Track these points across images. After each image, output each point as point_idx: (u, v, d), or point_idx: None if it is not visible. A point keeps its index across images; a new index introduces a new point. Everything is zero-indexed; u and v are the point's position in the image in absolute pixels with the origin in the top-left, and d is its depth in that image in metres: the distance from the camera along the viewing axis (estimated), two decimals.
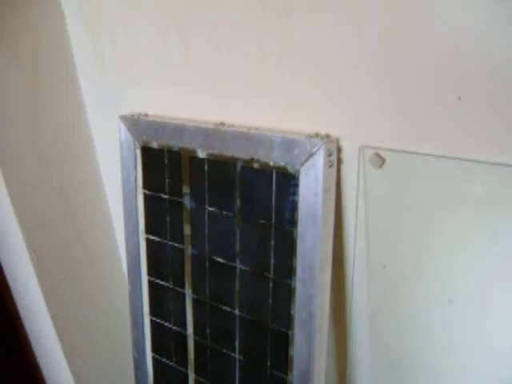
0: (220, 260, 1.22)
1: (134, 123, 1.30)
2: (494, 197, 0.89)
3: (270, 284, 1.14)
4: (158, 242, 1.34)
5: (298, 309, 1.09)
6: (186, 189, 1.24)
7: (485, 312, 0.98)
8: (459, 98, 0.87)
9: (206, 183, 1.19)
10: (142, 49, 1.29)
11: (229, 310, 1.23)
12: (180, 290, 1.33)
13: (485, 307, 0.97)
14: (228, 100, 1.18)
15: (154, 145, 1.27)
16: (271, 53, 1.06)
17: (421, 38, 0.87)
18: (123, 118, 1.31)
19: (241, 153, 1.11)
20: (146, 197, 1.34)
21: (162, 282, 1.38)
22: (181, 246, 1.29)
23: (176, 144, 1.22)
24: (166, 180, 1.28)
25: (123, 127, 1.31)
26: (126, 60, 1.35)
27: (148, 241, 1.37)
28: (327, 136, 1.03)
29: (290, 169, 1.04)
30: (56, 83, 1.43)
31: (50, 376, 1.85)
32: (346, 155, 1.03)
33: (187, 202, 1.24)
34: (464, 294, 0.99)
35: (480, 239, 0.93)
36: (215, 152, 1.15)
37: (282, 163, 1.05)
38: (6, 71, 1.31)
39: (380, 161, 0.99)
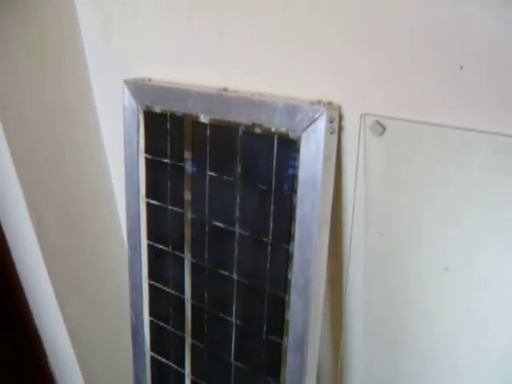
0: (219, 225, 1.23)
1: (138, 87, 1.30)
2: (493, 167, 0.90)
3: (269, 249, 1.15)
4: (159, 206, 1.36)
5: (296, 274, 1.11)
6: (187, 153, 1.25)
7: (480, 281, 0.99)
8: (461, 68, 0.87)
9: (208, 148, 1.20)
10: (147, 14, 1.29)
11: (227, 274, 1.25)
12: (179, 254, 1.35)
13: (480, 276, 0.99)
14: (232, 66, 1.19)
15: (157, 109, 1.28)
16: (275, 21, 1.07)
17: (423, 4, 0.87)
18: (127, 83, 1.32)
19: (243, 118, 1.12)
20: (147, 161, 1.35)
21: (162, 247, 1.39)
22: (181, 211, 1.30)
23: (179, 109, 1.23)
24: (168, 145, 1.28)
25: (127, 91, 1.32)
26: (130, 25, 1.35)
27: (148, 205, 1.39)
28: (329, 103, 1.04)
29: (291, 135, 1.05)
30: (61, 46, 1.44)
31: (47, 339, 1.87)
32: (347, 123, 1.04)
33: (188, 166, 1.25)
34: (460, 262, 1.00)
35: (478, 208, 0.94)
36: (218, 117, 1.16)
37: (283, 129, 1.06)
38: (12, 34, 1.31)
39: (381, 129, 1.00)
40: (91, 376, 1.76)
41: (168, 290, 1.42)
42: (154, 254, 1.43)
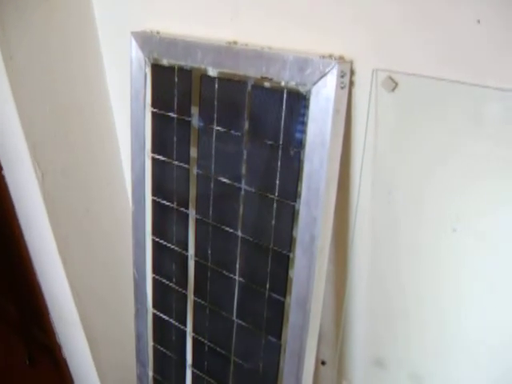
0: (225, 181, 1.22)
1: (146, 40, 1.28)
2: (509, 125, 0.88)
3: (274, 205, 1.14)
4: (164, 161, 1.34)
5: (301, 231, 1.10)
6: (194, 108, 1.23)
7: (488, 243, 0.98)
8: (478, 21, 0.85)
9: (216, 102, 1.18)
10: None
11: (231, 231, 1.24)
12: (183, 210, 1.34)
13: (488, 238, 0.97)
14: (241, 19, 1.16)
15: (165, 62, 1.26)
16: None
17: None
18: (135, 34, 1.29)
19: (252, 71, 1.09)
20: (153, 115, 1.33)
21: (166, 203, 1.38)
22: (186, 166, 1.29)
23: (187, 62, 1.21)
24: (175, 99, 1.27)
25: (134, 43, 1.29)
26: None
27: (154, 160, 1.37)
28: (341, 57, 1.01)
29: (301, 89, 1.03)
30: None
31: (49, 295, 1.88)
32: (358, 78, 1.02)
33: (195, 121, 1.23)
34: (467, 223, 0.99)
35: (488, 171, 0.93)
36: (226, 70, 1.14)
37: (293, 83, 1.04)
38: None
39: (393, 84, 0.97)
40: (93, 332, 1.77)
41: (171, 246, 1.41)
42: (158, 210, 1.42)
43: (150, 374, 1.64)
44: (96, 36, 1.49)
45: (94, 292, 1.75)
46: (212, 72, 1.16)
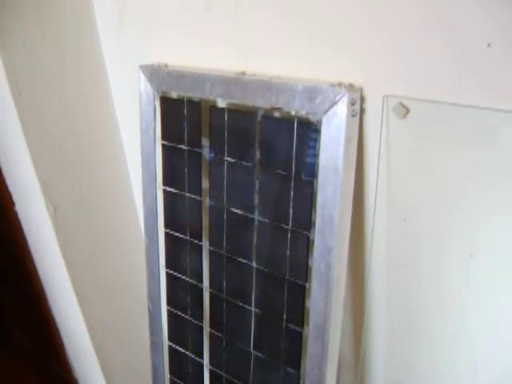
0: (238, 212, 1.21)
1: (154, 73, 1.28)
2: None
3: (289, 235, 1.13)
4: (176, 193, 1.34)
5: (317, 261, 1.09)
6: (205, 140, 1.23)
7: (506, 266, 0.96)
8: (489, 45, 0.84)
9: (226, 133, 1.18)
10: None
11: (246, 262, 1.23)
12: (197, 242, 1.33)
13: (506, 261, 0.96)
14: (250, 50, 1.16)
15: (174, 95, 1.26)
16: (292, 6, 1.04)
17: None
18: (143, 68, 1.30)
19: (262, 102, 1.09)
20: (164, 148, 1.33)
21: (179, 235, 1.37)
22: (199, 198, 1.28)
23: (196, 94, 1.21)
24: (185, 131, 1.26)
25: (143, 77, 1.30)
26: (146, 9, 1.33)
27: (165, 192, 1.37)
28: (351, 85, 1.01)
29: (311, 118, 1.02)
30: (76, 31, 1.42)
31: (64, 328, 1.88)
32: (369, 105, 1.01)
33: (206, 152, 1.23)
34: (485, 248, 0.97)
35: (506, 193, 0.91)
36: (236, 101, 1.14)
37: (303, 112, 1.03)
38: (27, 18, 1.30)
39: (404, 110, 0.97)
40: (109, 365, 1.76)
41: (186, 278, 1.40)
42: (172, 242, 1.41)
43: None
44: (104, 70, 1.50)
45: (110, 325, 1.74)
46: (221, 103, 1.16)
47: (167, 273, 1.45)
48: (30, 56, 1.32)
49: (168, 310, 1.50)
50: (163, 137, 1.32)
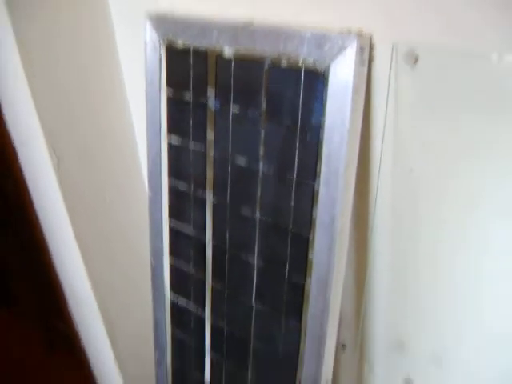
0: (243, 163, 1.20)
1: (160, 21, 1.26)
2: None
3: (293, 186, 1.12)
4: (180, 145, 1.33)
5: (321, 212, 1.08)
6: (210, 90, 1.21)
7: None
8: None
9: (232, 83, 1.17)
10: None
11: (249, 214, 1.22)
12: (201, 194, 1.32)
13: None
14: None
15: (180, 44, 1.24)
16: None
17: None
18: (149, 15, 1.28)
19: (269, 50, 1.07)
20: (169, 98, 1.32)
21: (183, 187, 1.37)
22: (203, 150, 1.27)
23: (202, 43, 1.19)
24: (191, 81, 1.25)
25: (149, 25, 1.28)
26: None
27: (170, 144, 1.36)
28: (360, 31, 0.99)
29: (319, 66, 1.01)
30: None
31: (67, 283, 1.88)
32: (378, 53, 0.99)
33: (212, 103, 1.22)
34: (490, 200, 0.97)
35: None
36: (243, 50, 1.12)
37: (311, 60, 1.01)
38: None
39: (414, 58, 0.95)
40: (111, 319, 1.77)
41: (189, 231, 1.40)
42: (175, 195, 1.41)
43: (169, 359, 1.64)
44: (110, 18, 1.47)
45: (112, 280, 1.74)
46: (228, 52, 1.15)
47: (170, 225, 1.45)
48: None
49: (170, 264, 1.50)
50: (168, 87, 1.31)
